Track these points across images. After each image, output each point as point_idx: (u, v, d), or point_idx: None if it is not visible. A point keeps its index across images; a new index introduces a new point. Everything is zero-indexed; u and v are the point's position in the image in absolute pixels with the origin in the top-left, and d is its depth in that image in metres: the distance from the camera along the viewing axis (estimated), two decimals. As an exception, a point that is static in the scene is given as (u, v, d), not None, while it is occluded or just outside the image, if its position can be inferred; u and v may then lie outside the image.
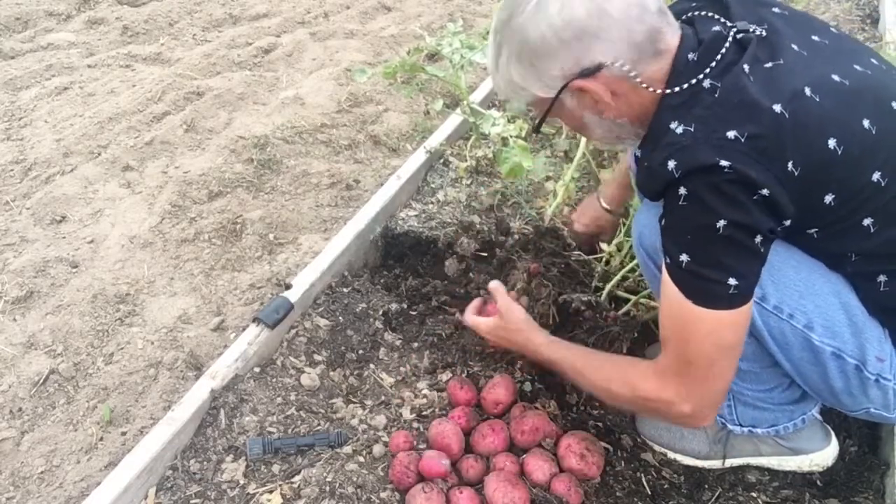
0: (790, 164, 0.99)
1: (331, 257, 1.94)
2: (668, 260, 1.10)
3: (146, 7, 3.99)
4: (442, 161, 2.54)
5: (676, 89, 1.08)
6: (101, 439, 1.57)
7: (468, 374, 1.69)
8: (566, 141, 2.50)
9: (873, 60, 1.13)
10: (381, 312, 1.88)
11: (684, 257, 1.06)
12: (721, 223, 1.00)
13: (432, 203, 2.34)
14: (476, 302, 1.64)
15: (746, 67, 1.02)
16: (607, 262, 1.88)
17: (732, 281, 1.04)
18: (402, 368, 1.73)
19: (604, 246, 1.90)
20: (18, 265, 2.06)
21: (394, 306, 1.91)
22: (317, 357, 1.73)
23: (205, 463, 1.44)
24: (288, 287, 1.83)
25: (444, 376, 1.69)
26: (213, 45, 3.56)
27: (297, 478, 1.41)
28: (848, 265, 1.16)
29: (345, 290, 1.95)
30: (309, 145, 2.72)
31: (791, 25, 1.11)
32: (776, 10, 1.15)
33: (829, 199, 1.05)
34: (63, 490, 1.46)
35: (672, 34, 1.10)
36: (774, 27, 1.08)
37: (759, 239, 1.03)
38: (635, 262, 1.78)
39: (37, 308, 1.93)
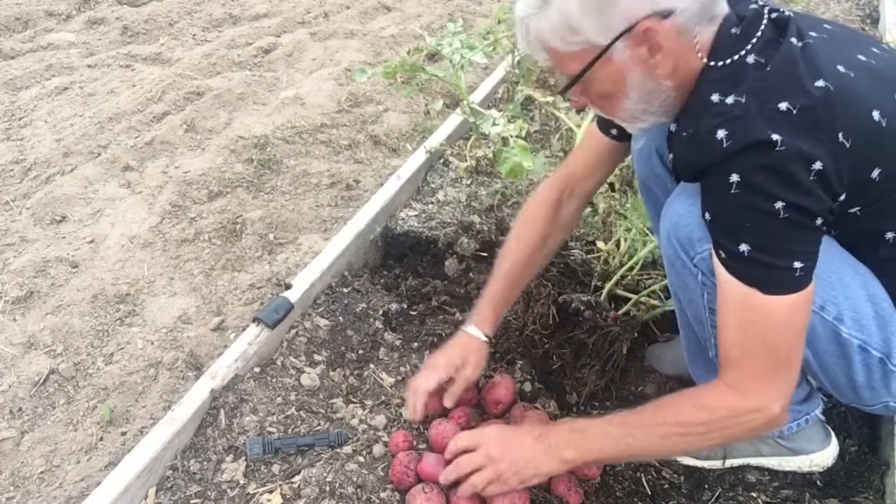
0: (841, 136, 0.98)
1: (331, 257, 1.94)
2: (722, 255, 1.06)
3: (146, 7, 3.99)
4: (442, 161, 2.55)
5: (720, 63, 1.06)
6: (101, 439, 1.57)
7: (468, 374, 1.69)
8: (559, 142, 2.50)
9: (885, 46, 1.15)
10: (381, 312, 1.88)
11: (744, 247, 1.02)
12: (780, 205, 0.97)
13: (432, 203, 2.34)
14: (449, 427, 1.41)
15: (795, 41, 1.02)
16: (606, 262, 1.89)
17: (798, 264, 1.02)
18: (402, 368, 1.73)
19: (600, 244, 1.90)
20: (18, 265, 2.06)
21: (394, 306, 1.91)
22: (317, 357, 1.73)
23: (205, 463, 1.44)
24: (288, 287, 1.83)
25: (444, 376, 1.69)
26: (213, 45, 3.57)
27: (297, 478, 1.41)
28: (883, 247, 1.15)
29: (345, 290, 1.95)
30: (309, 145, 2.73)
31: (804, 17, 1.13)
32: (786, 10, 1.17)
33: (875, 173, 1.04)
34: (63, 490, 1.46)
35: (723, 3, 1.10)
36: (795, 14, 1.10)
37: (819, 221, 1.02)
38: (634, 259, 1.78)
39: (37, 308, 1.93)
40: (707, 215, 1.07)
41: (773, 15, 1.09)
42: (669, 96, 1.12)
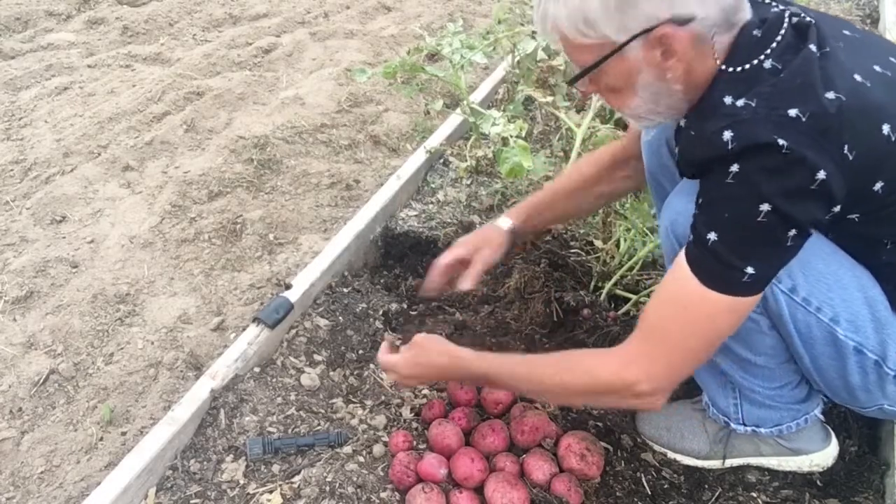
0: (846, 148, 0.98)
1: (331, 257, 1.94)
2: (691, 237, 1.07)
3: (146, 7, 3.99)
4: (442, 161, 2.55)
5: (739, 69, 1.05)
6: (101, 439, 1.57)
7: (468, 374, 1.69)
8: (560, 143, 2.50)
9: None
10: (381, 312, 1.88)
11: (712, 235, 1.03)
12: (765, 208, 0.97)
13: (432, 203, 2.34)
14: (385, 345, 1.46)
15: (814, 48, 1.01)
16: (605, 263, 1.89)
17: (750, 269, 1.02)
18: (402, 368, 1.73)
19: (598, 243, 1.90)
20: (18, 265, 2.06)
21: (394, 306, 1.91)
22: (317, 357, 1.73)
23: (205, 463, 1.44)
24: (288, 287, 1.83)
25: (444, 376, 1.69)
26: (213, 45, 3.57)
27: (297, 478, 1.41)
28: (883, 252, 1.15)
29: (345, 290, 1.95)
30: (309, 145, 2.73)
31: (823, 20, 1.11)
32: (806, 15, 1.16)
33: (878, 186, 1.04)
34: (63, 490, 1.46)
35: (746, 9, 1.09)
36: (815, 18, 1.09)
37: (793, 233, 1.01)
38: (634, 259, 1.78)
39: (37, 308, 1.93)
40: (700, 200, 1.07)
41: (794, 20, 1.07)
42: (677, 99, 1.12)
